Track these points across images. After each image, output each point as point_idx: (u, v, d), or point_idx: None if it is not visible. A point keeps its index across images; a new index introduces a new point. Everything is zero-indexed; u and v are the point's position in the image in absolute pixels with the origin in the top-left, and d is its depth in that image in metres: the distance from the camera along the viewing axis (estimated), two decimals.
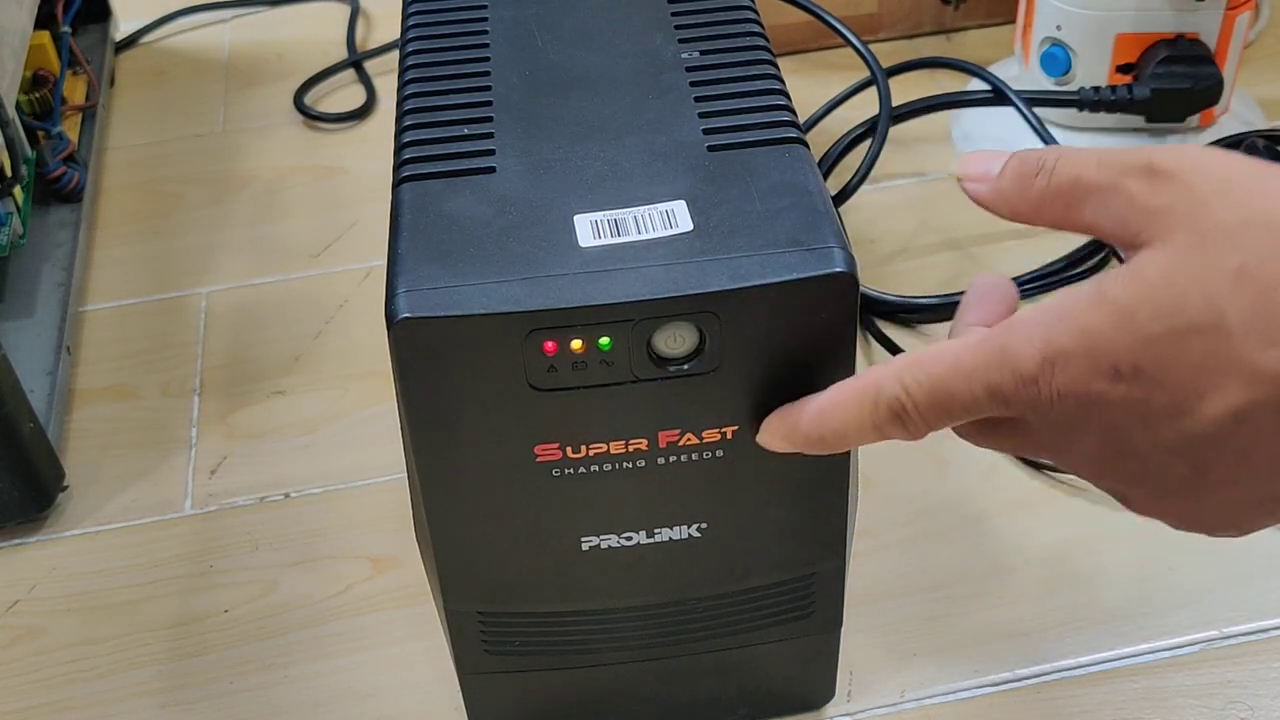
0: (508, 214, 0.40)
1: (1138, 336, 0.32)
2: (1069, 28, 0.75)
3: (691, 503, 0.42)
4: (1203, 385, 0.32)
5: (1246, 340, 0.31)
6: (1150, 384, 0.33)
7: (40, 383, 0.66)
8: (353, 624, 0.57)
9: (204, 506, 0.63)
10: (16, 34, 0.72)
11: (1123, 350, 0.33)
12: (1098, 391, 0.33)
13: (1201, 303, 0.32)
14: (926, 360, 0.36)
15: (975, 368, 0.35)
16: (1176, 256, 0.32)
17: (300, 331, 0.73)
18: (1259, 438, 0.32)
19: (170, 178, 0.86)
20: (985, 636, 0.55)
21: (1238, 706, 0.51)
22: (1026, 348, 0.34)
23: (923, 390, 0.36)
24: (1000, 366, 0.34)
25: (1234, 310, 0.31)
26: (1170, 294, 0.32)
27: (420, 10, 0.50)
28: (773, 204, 0.40)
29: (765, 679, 0.50)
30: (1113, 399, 0.33)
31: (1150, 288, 0.32)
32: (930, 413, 0.36)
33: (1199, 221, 0.32)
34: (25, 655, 0.57)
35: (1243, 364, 0.31)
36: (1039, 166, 0.37)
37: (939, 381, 0.35)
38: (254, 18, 1.04)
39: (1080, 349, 0.33)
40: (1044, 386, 0.34)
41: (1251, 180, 0.33)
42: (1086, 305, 0.33)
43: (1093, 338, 0.33)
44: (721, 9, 0.49)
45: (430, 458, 0.41)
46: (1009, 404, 0.35)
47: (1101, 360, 0.33)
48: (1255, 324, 0.31)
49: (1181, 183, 0.33)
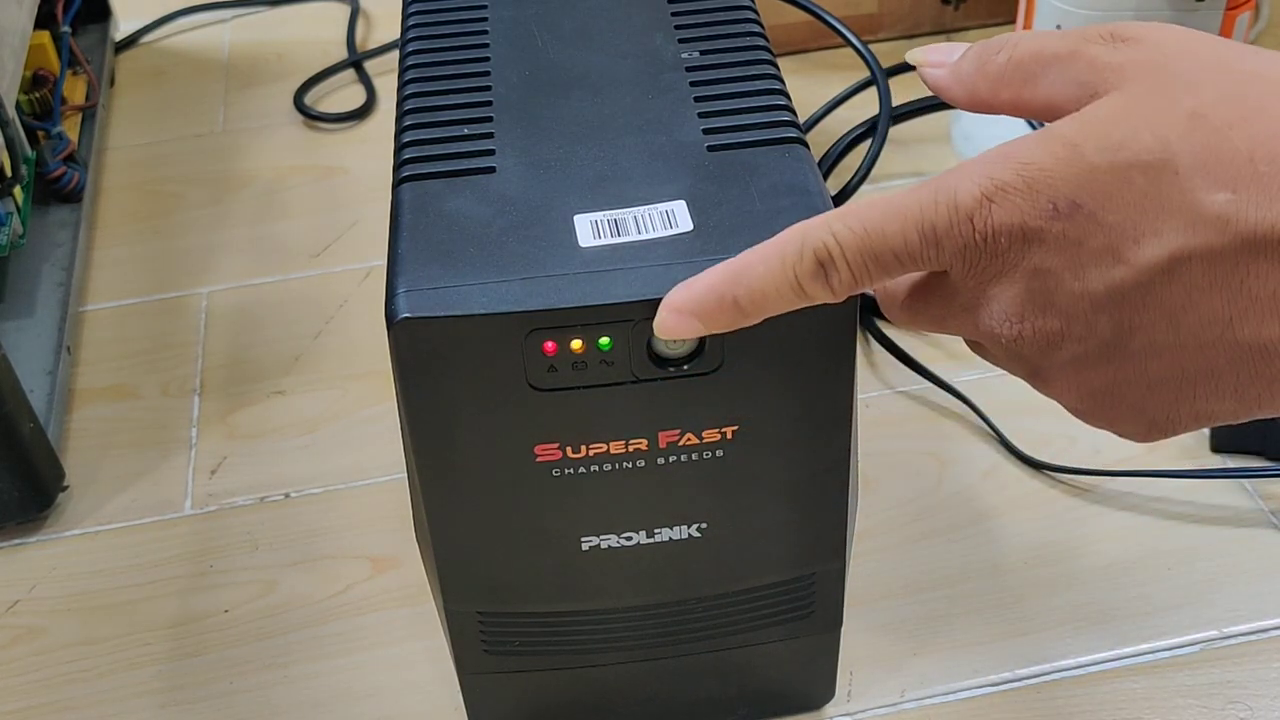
0: (508, 214, 0.40)
1: (1080, 170, 0.31)
2: (1069, 28, 0.75)
3: (691, 503, 0.42)
4: (1141, 226, 0.31)
5: (1192, 179, 0.30)
6: (1087, 222, 0.31)
7: (40, 383, 0.66)
8: (353, 624, 0.57)
9: (204, 506, 0.63)
10: (16, 34, 0.72)
11: (1063, 184, 0.31)
12: (1033, 228, 0.32)
13: (1150, 138, 0.31)
14: (858, 206, 0.34)
15: (909, 206, 0.33)
16: (1131, 99, 0.32)
17: (300, 331, 0.73)
18: (1190, 295, 0.31)
19: (170, 178, 0.86)
20: (985, 636, 0.55)
21: (1238, 706, 0.51)
22: (966, 182, 0.33)
23: (853, 235, 0.34)
24: (936, 204, 0.33)
25: (1184, 148, 0.30)
26: (1120, 129, 0.31)
27: (420, 10, 0.50)
28: (773, 204, 0.40)
29: (765, 679, 0.50)
30: (1046, 238, 0.32)
31: (1099, 123, 0.31)
32: (858, 260, 0.34)
33: (1157, 72, 0.32)
34: (25, 655, 0.57)
35: (1185, 204, 0.30)
36: (1000, 44, 0.36)
37: (871, 224, 0.33)
38: (254, 18, 1.04)
39: (1020, 183, 0.32)
40: (979, 223, 0.32)
41: (1209, 41, 0.32)
42: (1033, 143, 0.32)
43: (1034, 171, 0.32)
44: (721, 9, 0.49)
45: (430, 458, 0.41)
46: (940, 246, 0.33)
47: (1041, 195, 0.32)
48: (1204, 164, 0.30)
49: (1144, 43, 0.33)
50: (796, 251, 0.34)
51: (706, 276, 0.36)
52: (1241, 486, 0.60)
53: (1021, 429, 0.63)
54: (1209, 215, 0.30)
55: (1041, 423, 0.63)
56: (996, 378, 0.66)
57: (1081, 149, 0.31)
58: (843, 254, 0.34)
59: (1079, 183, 0.31)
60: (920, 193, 0.33)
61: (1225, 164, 0.30)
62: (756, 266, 0.35)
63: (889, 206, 0.33)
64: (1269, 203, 0.30)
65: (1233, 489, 0.60)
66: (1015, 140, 0.33)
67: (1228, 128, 0.30)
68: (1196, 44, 0.32)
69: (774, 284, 0.35)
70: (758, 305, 0.35)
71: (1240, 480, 0.60)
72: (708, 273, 0.36)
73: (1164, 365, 0.32)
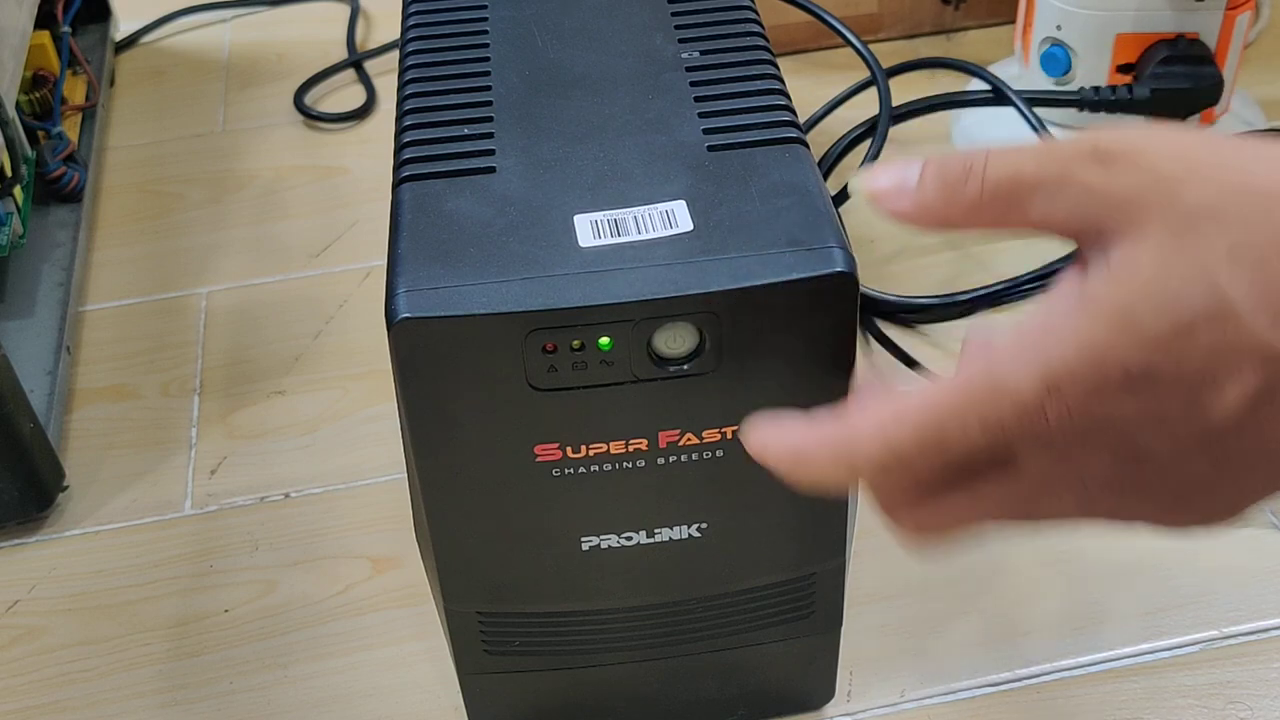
0: (508, 214, 0.40)
1: (1144, 337, 0.30)
2: (1069, 28, 0.75)
3: (691, 503, 0.42)
4: (1218, 374, 0.30)
5: (1256, 319, 0.29)
6: (1166, 385, 0.30)
7: (40, 383, 0.66)
8: (353, 624, 0.57)
9: (204, 506, 0.63)
10: (16, 34, 0.72)
11: (1130, 355, 0.30)
12: (1112, 404, 0.31)
13: (1203, 289, 0.29)
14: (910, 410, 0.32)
15: (967, 406, 0.31)
16: (1163, 246, 0.30)
17: (300, 331, 0.73)
18: (1274, 421, 0.30)
19: (170, 178, 0.86)
20: (985, 636, 0.55)
21: (1238, 706, 0.51)
22: (1022, 374, 0.31)
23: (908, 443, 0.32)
24: (995, 400, 0.31)
25: (1236, 291, 0.29)
26: (1168, 286, 0.30)
27: (420, 10, 0.50)
28: (773, 204, 0.40)
29: (765, 679, 0.50)
30: (1128, 410, 0.31)
31: (1145, 283, 0.30)
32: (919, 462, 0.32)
33: (1174, 205, 0.30)
34: (25, 655, 0.57)
35: (1255, 344, 0.29)
36: (966, 171, 0.33)
37: (926, 430, 0.32)
38: (254, 18, 1.04)
39: (1085, 364, 0.30)
40: (1051, 413, 0.31)
41: (1208, 153, 0.31)
42: (1078, 315, 0.31)
43: (1096, 349, 0.30)
44: (721, 9, 0.49)
45: (430, 458, 0.41)
46: (1007, 439, 0.32)
47: (1112, 370, 0.30)
48: (1260, 300, 0.29)
49: (1139, 164, 0.31)
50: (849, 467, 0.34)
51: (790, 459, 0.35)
52: None
53: None
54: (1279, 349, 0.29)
55: None
56: None
57: (1136, 316, 0.30)
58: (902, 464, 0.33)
59: (1146, 351, 0.30)
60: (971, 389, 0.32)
61: (1277, 295, 0.29)
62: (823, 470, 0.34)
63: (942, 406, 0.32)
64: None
65: None
66: (1050, 313, 0.31)
67: (1269, 260, 0.29)
68: (1188, 157, 0.31)
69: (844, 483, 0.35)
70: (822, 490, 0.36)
71: None
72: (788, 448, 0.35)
73: (1257, 477, 0.32)
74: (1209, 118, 0.77)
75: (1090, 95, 0.74)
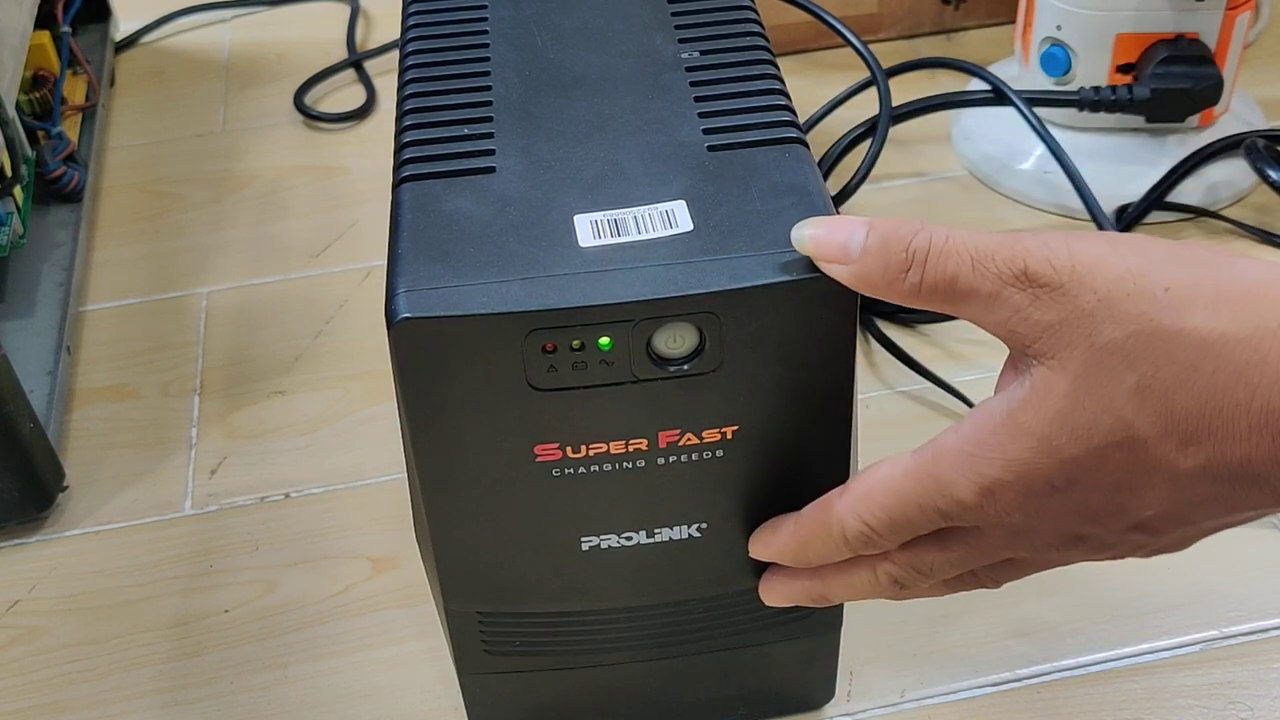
0: (508, 214, 0.40)
1: (1061, 459, 0.35)
2: (1069, 28, 0.75)
3: (691, 503, 0.42)
4: (1135, 486, 0.35)
5: (1162, 445, 0.34)
6: (1086, 490, 0.35)
7: (40, 383, 0.66)
8: (353, 624, 0.57)
9: (204, 506, 0.63)
10: (16, 34, 0.72)
11: (1052, 472, 0.35)
12: (1040, 504, 0.36)
13: (1111, 421, 0.34)
14: (875, 489, 0.38)
15: (920, 496, 0.37)
16: (1078, 380, 0.34)
17: (300, 331, 0.73)
18: (1198, 512, 0.35)
19: (170, 178, 0.86)
20: (985, 636, 0.55)
21: (1238, 706, 0.51)
22: (961, 481, 0.36)
23: (880, 522, 0.38)
24: (941, 495, 0.37)
25: (1142, 422, 0.33)
26: (1081, 418, 0.34)
27: (420, 10, 0.50)
28: (773, 204, 0.40)
29: (765, 679, 0.50)
30: (1056, 507, 0.36)
31: (1060, 415, 0.34)
32: (893, 536, 0.39)
33: (1090, 338, 0.34)
34: (25, 655, 0.57)
35: (1163, 468, 0.34)
36: (909, 258, 0.36)
37: (894, 511, 0.38)
38: (254, 18, 1.04)
39: (1012, 478, 0.35)
40: (989, 509, 0.36)
41: (1127, 287, 0.34)
42: (1005, 436, 0.35)
43: (1021, 466, 0.35)
44: (721, 9, 0.49)
45: (430, 458, 0.41)
46: (961, 518, 0.37)
47: (1035, 482, 0.35)
48: (1165, 430, 0.33)
49: (1063, 296, 0.34)
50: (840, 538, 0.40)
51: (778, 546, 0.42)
52: None
53: None
54: (1187, 472, 0.34)
55: None
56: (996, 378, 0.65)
57: (1054, 442, 0.35)
58: (878, 536, 0.39)
59: (1065, 468, 0.35)
60: (921, 485, 0.37)
61: (1180, 425, 0.33)
62: (813, 546, 0.41)
63: (902, 495, 0.38)
64: (1232, 445, 0.33)
65: None
66: (984, 426, 0.36)
67: (1170, 394, 0.33)
68: (1113, 288, 0.34)
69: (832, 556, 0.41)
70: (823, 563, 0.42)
71: None
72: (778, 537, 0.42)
73: (1196, 532, 0.37)
74: (1209, 118, 0.77)
75: (1090, 95, 0.74)
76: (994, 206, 0.78)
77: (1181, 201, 0.75)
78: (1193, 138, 0.77)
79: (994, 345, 0.38)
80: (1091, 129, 0.77)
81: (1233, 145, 0.74)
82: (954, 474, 0.36)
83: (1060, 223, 0.77)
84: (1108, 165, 0.76)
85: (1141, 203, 0.74)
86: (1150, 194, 0.74)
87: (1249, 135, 0.74)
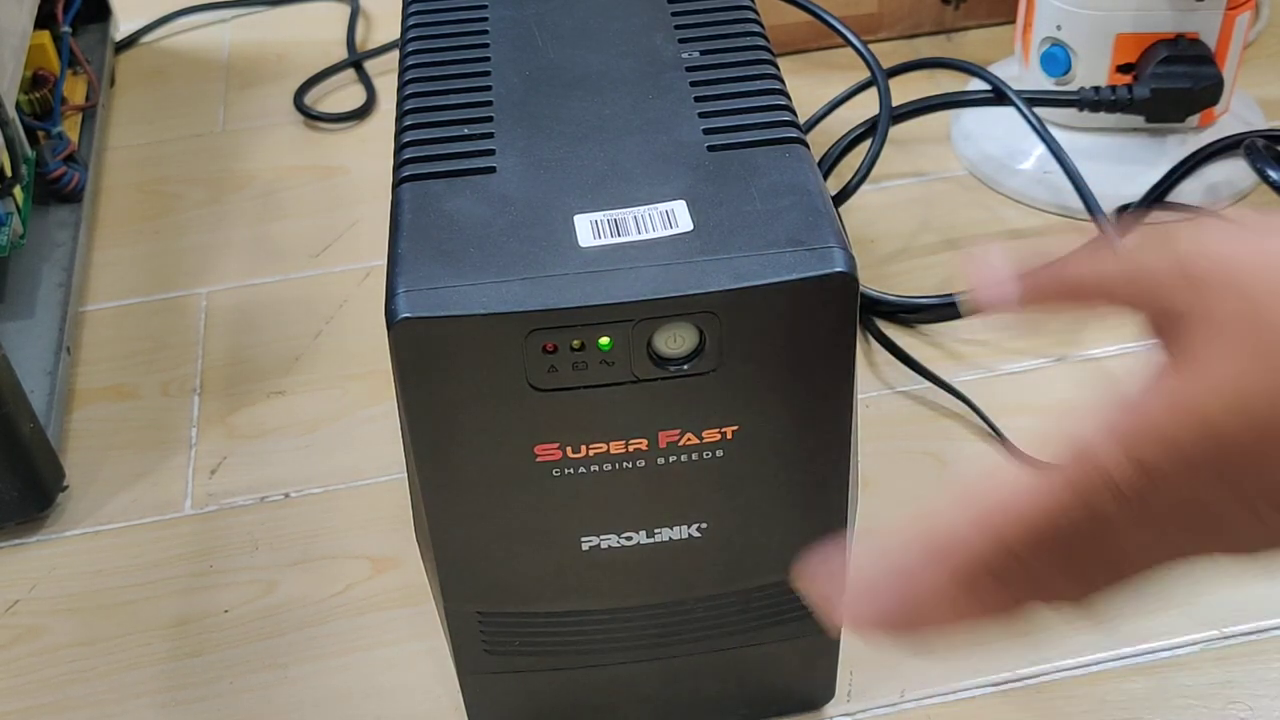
0: (508, 214, 0.40)
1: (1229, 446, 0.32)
2: (1069, 28, 0.75)
3: (691, 503, 0.42)
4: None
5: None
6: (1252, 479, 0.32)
7: (40, 383, 0.66)
8: (353, 624, 0.57)
9: (204, 506, 0.63)
10: (16, 34, 0.72)
11: (1215, 459, 0.32)
12: (1202, 490, 0.33)
13: None
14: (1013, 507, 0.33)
15: (1071, 503, 0.33)
16: (1243, 359, 0.32)
17: (300, 331, 0.73)
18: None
19: (170, 178, 0.86)
20: (985, 637, 0.55)
21: (1238, 706, 0.51)
22: (1115, 459, 0.33)
23: (1029, 541, 0.34)
24: (1096, 489, 0.33)
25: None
26: (1256, 403, 0.32)
27: (420, 10, 0.50)
28: (773, 204, 0.40)
29: (765, 679, 0.50)
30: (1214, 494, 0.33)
31: (1233, 396, 0.32)
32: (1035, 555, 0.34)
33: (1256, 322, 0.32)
34: (25, 655, 0.57)
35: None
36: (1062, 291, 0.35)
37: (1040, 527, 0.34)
38: (254, 18, 1.04)
39: (1171, 464, 0.32)
40: (1148, 494, 0.33)
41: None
42: (1166, 414, 0.32)
43: (1182, 451, 0.32)
44: (721, 9, 0.49)
45: (430, 458, 0.41)
46: (1109, 517, 0.33)
47: (1200, 470, 0.32)
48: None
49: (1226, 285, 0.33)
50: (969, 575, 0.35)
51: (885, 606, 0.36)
52: None
53: (1021, 429, 0.63)
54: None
55: (1041, 423, 0.63)
56: (996, 378, 0.66)
57: (1218, 424, 0.32)
58: (1020, 560, 0.34)
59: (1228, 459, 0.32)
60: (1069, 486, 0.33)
61: None
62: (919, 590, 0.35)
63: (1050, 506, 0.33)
64: None
65: None
66: (1142, 400, 0.33)
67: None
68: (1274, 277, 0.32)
69: None
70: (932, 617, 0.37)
71: None
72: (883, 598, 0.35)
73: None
74: (1209, 118, 0.77)
75: (1090, 95, 0.74)
76: (994, 206, 0.78)
77: (1181, 201, 0.75)
78: (1193, 138, 0.77)
79: (994, 345, 0.38)
80: (1091, 129, 0.77)
81: (1233, 145, 0.74)
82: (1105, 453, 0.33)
83: (1060, 223, 0.77)
84: (1108, 165, 0.76)
85: (1141, 203, 0.74)
86: (1150, 194, 0.74)
87: (1249, 135, 0.74)
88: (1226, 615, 0.55)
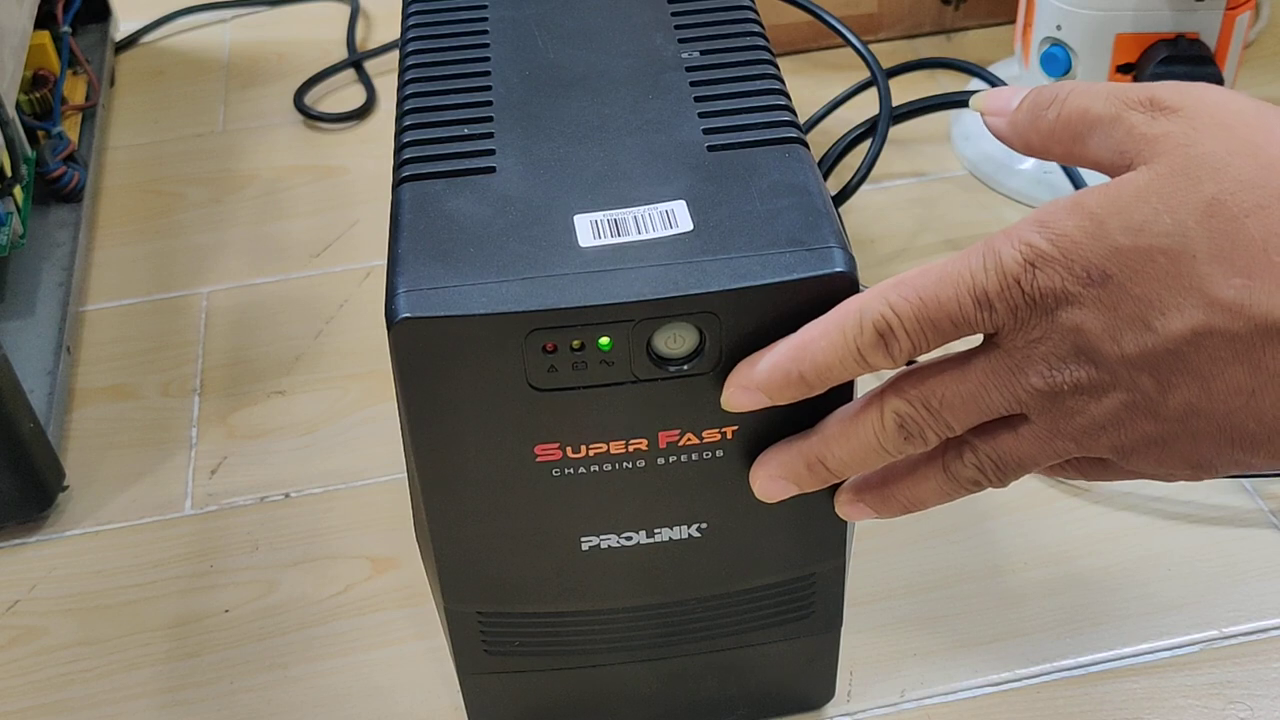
0: (508, 214, 0.40)
1: (1108, 246, 0.33)
2: (1069, 28, 0.75)
3: (691, 503, 0.42)
4: (1165, 300, 0.33)
5: (1209, 265, 0.32)
6: (1117, 290, 0.34)
7: (40, 383, 0.66)
8: (353, 624, 0.57)
9: (204, 506, 0.63)
10: (16, 34, 0.72)
11: (1093, 256, 0.34)
12: (1072, 292, 0.34)
13: (1169, 224, 0.33)
14: (910, 276, 0.36)
15: (960, 273, 0.35)
16: (1156, 178, 0.33)
17: (300, 331, 0.73)
18: (1216, 365, 0.33)
19: (170, 178, 0.86)
20: (985, 636, 0.55)
21: (1238, 707, 0.51)
22: (1008, 249, 0.35)
23: (909, 304, 0.36)
24: (985, 270, 0.35)
25: (1200, 235, 0.32)
26: (1143, 211, 0.33)
27: (420, 10, 0.50)
28: (773, 204, 0.40)
29: (765, 679, 0.50)
30: (1084, 301, 0.34)
31: (1124, 204, 0.34)
32: (916, 327, 0.36)
33: (1187, 149, 0.33)
34: (25, 655, 0.57)
35: (1203, 289, 0.32)
36: (1052, 99, 0.38)
37: (926, 292, 0.35)
38: (254, 18, 1.04)
39: (1056, 252, 0.34)
40: (1025, 285, 0.34)
41: (1248, 115, 0.34)
42: (1065, 213, 0.34)
43: (1066, 242, 0.34)
44: (721, 9, 0.49)
45: (430, 458, 0.41)
46: (993, 309, 0.35)
47: (1075, 264, 0.34)
48: (1220, 253, 0.32)
49: (1181, 115, 0.34)
50: (856, 324, 0.36)
51: (771, 354, 0.38)
52: (1241, 486, 0.60)
53: None
54: (1224, 301, 0.32)
55: None
56: None
57: (1106, 226, 0.34)
58: (901, 324, 0.36)
59: (1107, 256, 0.34)
60: (969, 260, 0.35)
61: (1240, 252, 0.32)
62: (818, 341, 0.37)
63: (942, 274, 0.36)
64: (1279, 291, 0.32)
65: (1233, 489, 0.60)
66: (1051, 206, 0.35)
67: (1245, 216, 0.32)
68: (1232, 118, 0.34)
69: (837, 357, 0.37)
70: (821, 378, 0.38)
71: (1240, 480, 0.60)
72: (772, 350, 0.38)
73: (1203, 422, 0.34)
74: None
75: None
76: (994, 206, 0.78)
77: None
78: None
79: None
80: None
81: None
82: (1003, 244, 0.35)
83: None
84: None
85: None
86: None
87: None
88: (1226, 615, 0.55)
